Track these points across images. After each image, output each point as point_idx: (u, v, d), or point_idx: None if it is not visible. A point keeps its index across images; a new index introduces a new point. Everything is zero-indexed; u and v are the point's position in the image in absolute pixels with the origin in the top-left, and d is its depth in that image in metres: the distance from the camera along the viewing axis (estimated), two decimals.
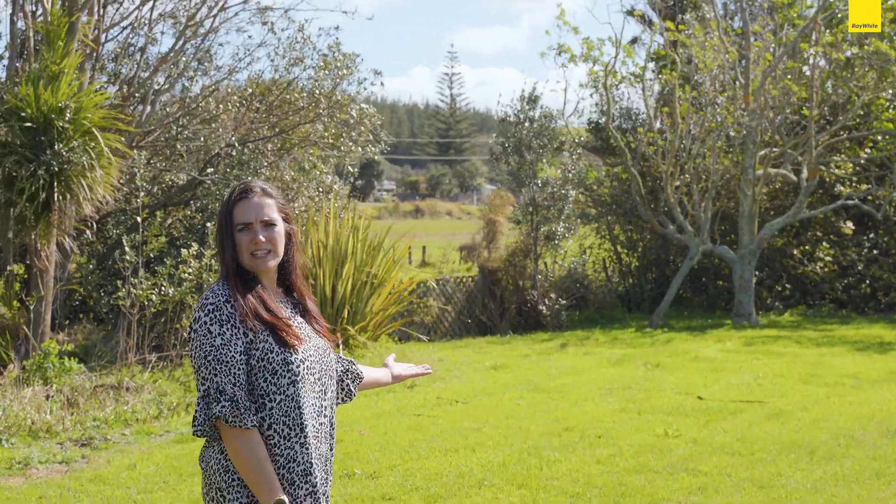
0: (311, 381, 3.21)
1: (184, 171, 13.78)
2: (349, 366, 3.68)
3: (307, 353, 3.22)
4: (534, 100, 19.08)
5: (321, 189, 14.35)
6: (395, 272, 14.10)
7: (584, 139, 22.34)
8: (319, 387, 3.26)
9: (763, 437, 8.76)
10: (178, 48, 14.02)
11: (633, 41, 23.02)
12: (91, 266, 13.66)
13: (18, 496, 7.21)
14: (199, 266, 11.53)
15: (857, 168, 20.78)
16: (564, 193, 18.79)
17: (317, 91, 14.17)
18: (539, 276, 18.57)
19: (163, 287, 11.38)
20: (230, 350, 3.07)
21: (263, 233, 3.22)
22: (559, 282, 18.99)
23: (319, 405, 3.25)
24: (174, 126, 14.10)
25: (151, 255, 12.11)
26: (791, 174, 19.34)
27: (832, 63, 19.30)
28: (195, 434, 3.11)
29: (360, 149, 15.03)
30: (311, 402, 3.21)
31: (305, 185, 14.19)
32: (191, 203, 14.01)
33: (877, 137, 20.50)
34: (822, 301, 20.72)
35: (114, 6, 14.36)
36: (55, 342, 10.97)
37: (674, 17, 20.65)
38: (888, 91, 19.58)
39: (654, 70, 21.71)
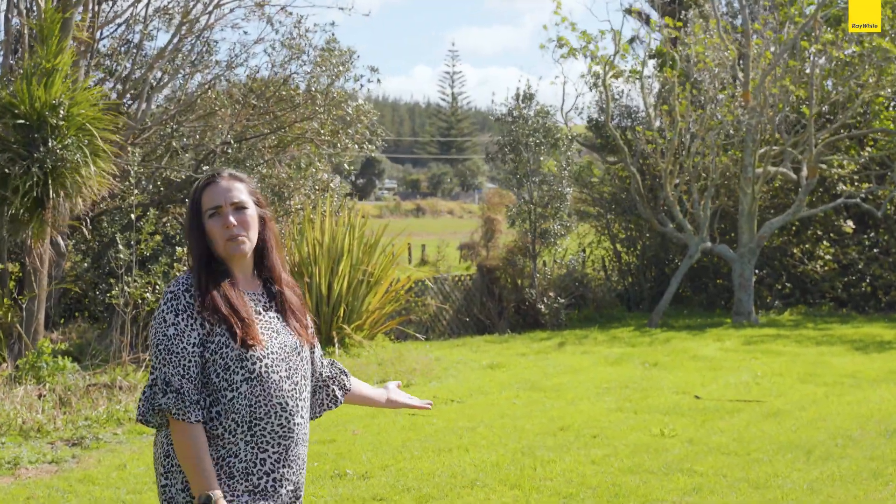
0: (277, 381, 3.09)
1: (179, 169, 13.69)
2: (338, 374, 3.55)
3: (269, 352, 3.09)
4: (529, 97, 18.99)
5: (317, 187, 14.26)
6: (392, 270, 14.01)
7: (584, 137, 22.29)
8: (290, 385, 3.14)
9: (760, 437, 8.67)
10: (174, 45, 13.94)
11: (632, 40, 22.89)
12: (86, 264, 13.59)
13: (7, 497, 7.14)
14: None
15: (858, 167, 20.69)
16: (561, 191, 18.71)
17: (313, 87, 14.08)
18: (538, 275, 18.49)
19: (157, 285, 11.31)
20: (182, 341, 3.00)
21: (234, 216, 3.12)
22: (558, 280, 18.91)
23: (291, 405, 3.14)
24: (170, 123, 14.02)
25: (146, 254, 12.02)
26: (791, 172, 19.25)
27: (833, 61, 19.21)
28: (139, 422, 3.04)
29: (357, 146, 14.94)
30: (276, 402, 3.09)
31: (302, 183, 14.11)
32: (186, 201, 13.92)
33: (877, 136, 20.40)
34: (823, 300, 20.64)
35: (108, 3, 14.29)
36: (48, 341, 10.90)
37: (673, 15, 20.56)
38: (888, 89, 19.49)
39: (655, 68, 21.62)
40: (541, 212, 18.61)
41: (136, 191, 11.83)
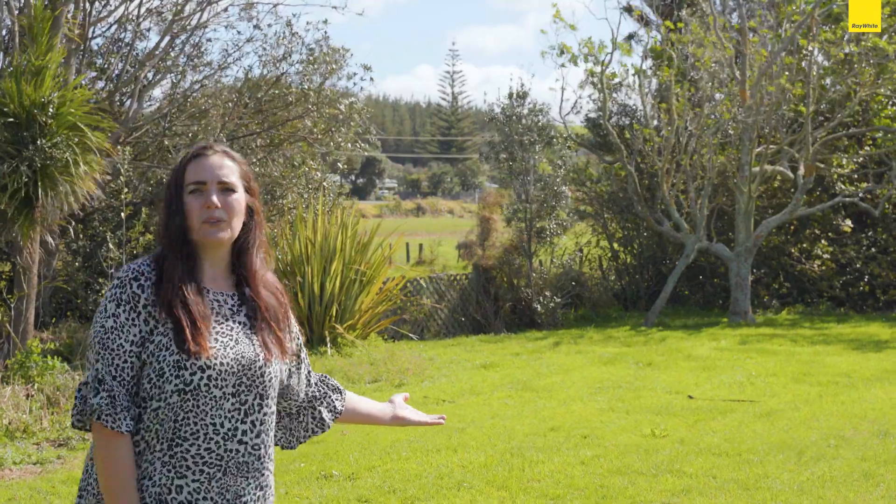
0: (217, 397, 2.61)
1: (171, 168, 13.62)
2: (327, 393, 3.11)
3: (216, 363, 2.61)
4: (522, 96, 18.90)
5: (310, 185, 14.19)
6: (384, 270, 13.93)
7: (581, 136, 22.21)
8: (234, 404, 2.65)
9: (752, 438, 8.60)
10: (166, 44, 13.87)
11: (630, 38, 22.82)
12: (77, 264, 13.52)
13: None
14: None
15: (857, 165, 20.61)
16: (557, 190, 18.63)
17: (305, 86, 14.01)
18: (533, 274, 18.40)
19: None
20: (119, 337, 2.58)
21: (219, 196, 2.69)
22: (554, 280, 18.81)
23: (228, 428, 2.64)
24: (162, 122, 13.95)
25: (135, 253, 11.95)
26: (788, 171, 19.16)
27: (831, 59, 19.12)
28: (73, 426, 2.61)
29: (350, 144, 14.87)
30: (209, 421, 2.61)
31: (294, 182, 14.04)
32: None
33: (876, 135, 20.32)
34: (820, 299, 20.55)
35: (101, 1, 14.21)
36: (38, 340, 10.83)
37: (671, 14, 20.49)
38: (887, 88, 19.40)
39: (652, 66, 21.54)
40: (536, 210, 18.54)
41: (127, 189, 11.74)
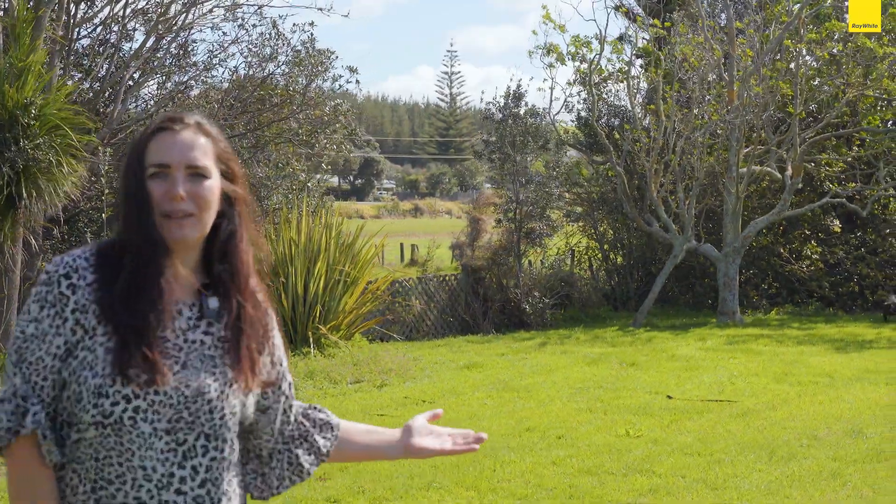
0: (145, 434, 2.05)
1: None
2: (310, 431, 2.44)
3: (150, 391, 2.05)
4: (518, 97, 18.95)
5: (295, 186, 14.23)
6: (369, 270, 13.96)
7: (573, 136, 22.23)
8: (169, 444, 2.08)
9: (725, 437, 8.62)
10: (151, 44, 13.90)
11: (621, 38, 22.82)
12: None
13: None
14: None
15: (846, 166, 20.65)
16: (549, 191, 18.68)
17: (290, 88, 14.06)
18: (523, 275, 18.43)
19: None
20: (39, 349, 2.07)
21: (186, 185, 2.12)
22: (543, 280, 18.84)
23: (162, 473, 2.07)
24: (148, 122, 13.98)
25: None
26: (776, 172, 19.19)
27: (819, 60, 19.15)
28: None
29: (336, 146, 14.92)
30: (137, 464, 2.06)
31: (279, 183, 14.07)
32: None
33: (864, 135, 20.35)
34: (810, 299, 20.58)
35: (87, 2, 14.24)
36: None
37: (660, 14, 20.52)
38: (875, 89, 19.43)
39: (642, 67, 21.56)
40: (528, 211, 18.58)
41: (108, 191, 11.77)
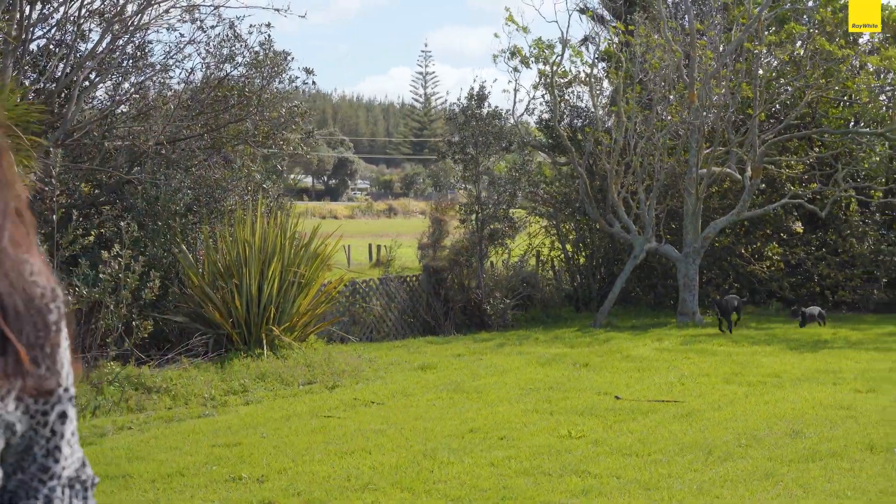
0: None
1: (109, 170, 13.57)
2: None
3: None
4: (481, 98, 18.97)
5: (251, 188, 14.20)
6: (324, 272, 13.95)
7: (536, 137, 22.28)
8: None
9: (666, 438, 8.67)
10: (106, 45, 13.84)
11: (584, 40, 22.91)
12: None
13: None
14: (118, 267, 11.36)
15: (806, 167, 20.80)
16: (511, 192, 18.74)
17: (247, 89, 14.02)
18: (485, 276, 18.47)
19: (77, 288, 11.21)
20: None
21: None
22: (505, 281, 18.89)
23: None
24: (103, 124, 13.92)
25: (74, 253, 11.92)
26: (736, 173, 19.30)
27: (777, 62, 19.27)
28: None
29: (292, 147, 14.90)
30: None
31: (235, 184, 14.04)
32: (118, 202, 13.85)
33: (824, 136, 20.50)
34: (770, 299, 20.71)
35: (42, 2, 14.16)
36: None
37: (623, 16, 20.61)
38: (835, 89, 19.60)
39: (605, 69, 21.63)
40: (490, 212, 18.63)
41: (58, 192, 11.73)
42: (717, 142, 18.64)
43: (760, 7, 18.53)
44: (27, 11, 13.52)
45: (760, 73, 18.83)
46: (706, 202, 19.61)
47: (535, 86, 20.49)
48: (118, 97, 14.35)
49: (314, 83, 15.05)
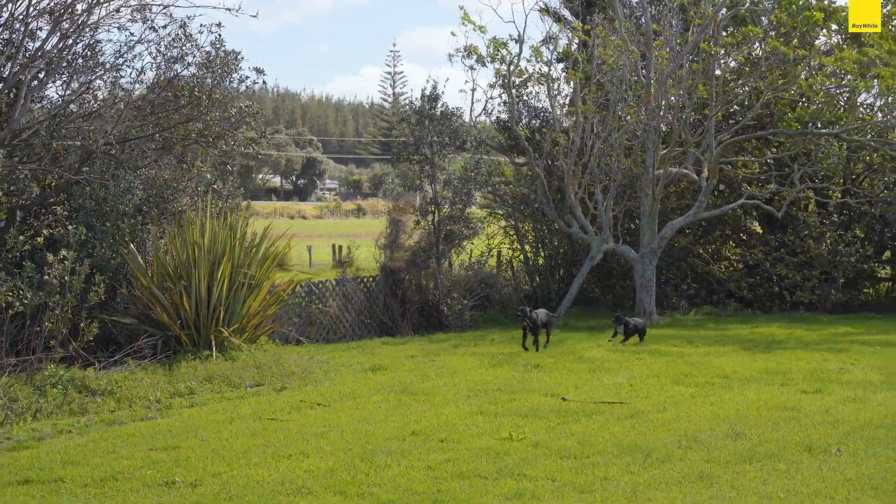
0: None
1: (57, 171, 13.40)
2: None
3: None
4: (434, 98, 18.90)
5: (201, 188, 14.07)
6: (274, 273, 13.85)
7: (495, 138, 22.25)
8: None
9: (607, 440, 8.65)
10: (55, 44, 13.67)
11: (545, 41, 22.90)
12: None
13: None
14: (62, 269, 11.22)
15: (763, 168, 20.90)
16: (467, 192, 18.70)
17: (197, 89, 13.89)
18: (442, 276, 18.42)
19: (21, 290, 11.06)
20: None
21: None
22: (462, 281, 18.86)
23: None
24: (51, 124, 13.74)
25: (10, 257, 11.77)
26: (692, 173, 19.35)
27: (736, 62, 19.34)
28: None
29: (242, 147, 14.79)
30: None
31: (185, 185, 13.91)
32: (66, 203, 13.69)
33: (781, 138, 20.59)
34: (728, 300, 20.78)
35: None
36: None
37: (582, 17, 20.62)
38: (791, 90, 19.69)
39: (564, 69, 21.64)
40: (448, 213, 18.58)
41: (2, 193, 11.57)
42: (674, 142, 18.69)
43: (716, 8, 18.59)
44: None
45: (717, 74, 18.89)
46: (663, 202, 19.67)
47: (493, 85, 20.48)
48: (67, 97, 14.16)
49: (264, 83, 14.94)
